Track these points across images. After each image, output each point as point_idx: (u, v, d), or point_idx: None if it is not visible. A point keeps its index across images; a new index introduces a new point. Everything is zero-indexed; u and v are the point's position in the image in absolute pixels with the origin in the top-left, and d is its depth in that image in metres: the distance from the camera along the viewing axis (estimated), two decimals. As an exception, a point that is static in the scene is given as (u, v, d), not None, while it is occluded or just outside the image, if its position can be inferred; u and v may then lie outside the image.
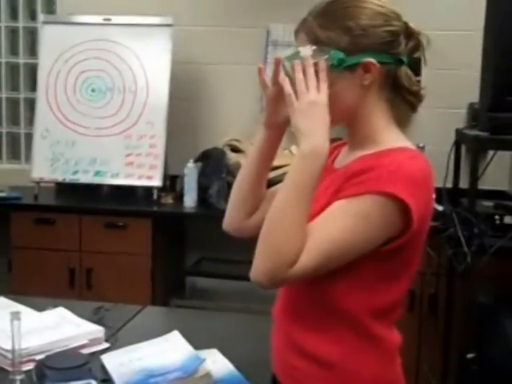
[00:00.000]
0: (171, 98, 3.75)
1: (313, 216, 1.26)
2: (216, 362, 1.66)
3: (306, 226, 1.23)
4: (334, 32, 1.30)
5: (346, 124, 1.38)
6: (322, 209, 1.27)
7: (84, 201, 3.73)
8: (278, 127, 1.45)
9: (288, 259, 1.21)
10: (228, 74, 4.00)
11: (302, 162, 1.25)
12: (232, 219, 1.57)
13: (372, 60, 1.29)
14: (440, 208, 3.03)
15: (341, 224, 1.23)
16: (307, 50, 1.30)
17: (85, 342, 1.75)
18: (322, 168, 1.24)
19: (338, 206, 1.25)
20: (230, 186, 3.45)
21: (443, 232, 2.91)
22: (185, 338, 1.76)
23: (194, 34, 3.98)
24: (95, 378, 1.50)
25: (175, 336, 1.79)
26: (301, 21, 1.36)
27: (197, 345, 1.70)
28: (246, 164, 1.53)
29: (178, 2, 4.00)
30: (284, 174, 1.32)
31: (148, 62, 3.78)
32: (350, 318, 1.31)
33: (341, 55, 1.29)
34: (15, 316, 1.48)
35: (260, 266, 1.24)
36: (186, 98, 4.01)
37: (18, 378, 1.49)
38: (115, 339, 1.82)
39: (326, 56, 1.29)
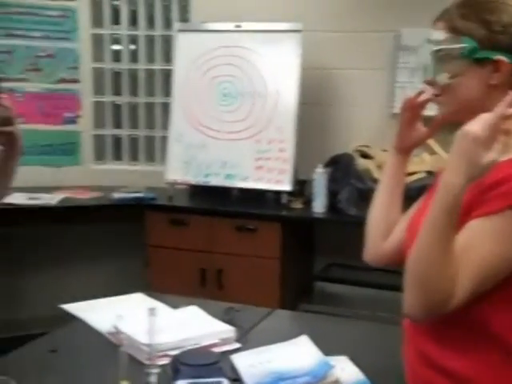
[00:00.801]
0: (301, 103, 3.77)
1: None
2: (345, 370, 1.63)
3: (453, 258, 1.18)
4: (473, 23, 1.27)
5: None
6: None
7: (215, 203, 3.81)
8: (408, 150, 1.46)
9: (442, 295, 1.17)
10: (357, 79, 3.96)
11: (437, 197, 1.19)
12: (369, 245, 1.58)
13: (505, 59, 1.24)
14: None
15: (488, 246, 1.18)
16: (441, 36, 1.28)
17: (216, 341, 1.78)
18: (455, 205, 1.17)
19: (479, 226, 1.19)
20: (359, 191, 3.49)
21: None
22: (314, 343, 1.75)
23: (323, 39, 3.98)
24: (226, 377, 1.52)
25: (304, 340, 1.78)
26: (442, 10, 1.34)
27: (326, 350, 1.69)
28: (378, 190, 1.52)
29: (307, 8, 4.02)
30: (416, 180, 1.31)
31: (278, 67, 3.82)
32: (491, 335, 1.25)
33: (474, 44, 1.25)
34: (152, 312, 1.53)
35: (414, 302, 1.21)
36: (315, 103, 4.01)
37: (154, 371, 1.54)
38: (245, 340, 1.84)
39: (459, 45, 1.26)
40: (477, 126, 1.16)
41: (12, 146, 1.75)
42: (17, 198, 3.74)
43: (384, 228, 1.52)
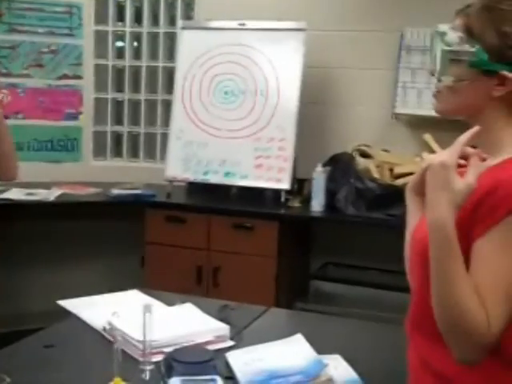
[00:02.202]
0: (302, 101, 3.77)
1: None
2: (338, 368, 1.64)
3: (471, 289, 1.14)
4: (490, 31, 1.23)
5: (468, 121, 1.30)
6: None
7: (213, 201, 3.82)
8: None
9: (479, 329, 1.13)
10: (359, 78, 3.97)
11: (430, 239, 1.17)
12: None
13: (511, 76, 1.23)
14: None
15: (500, 261, 1.15)
16: (454, 36, 1.27)
17: (210, 338, 1.79)
18: (448, 239, 1.14)
19: (484, 246, 1.16)
20: (357, 191, 3.49)
21: None
22: (308, 341, 1.76)
23: (327, 38, 3.98)
24: (219, 375, 1.52)
25: (298, 339, 1.79)
26: (466, 4, 1.30)
27: (320, 349, 1.69)
28: (407, 230, 1.44)
29: (311, 7, 4.02)
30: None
31: (280, 65, 3.82)
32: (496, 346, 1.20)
33: (484, 57, 1.23)
34: (147, 309, 1.54)
35: (458, 348, 1.17)
36: (316, 102, 4.02)
37: (148, 368, 1.55)
38: (240, 338, 1.84)
39: (471, 50, 1.24)
40: (444, 155, 1.16)
41: None
42: (14, 194, 3.76)
43: None
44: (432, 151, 3.41)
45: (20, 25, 4.24)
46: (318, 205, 3.61)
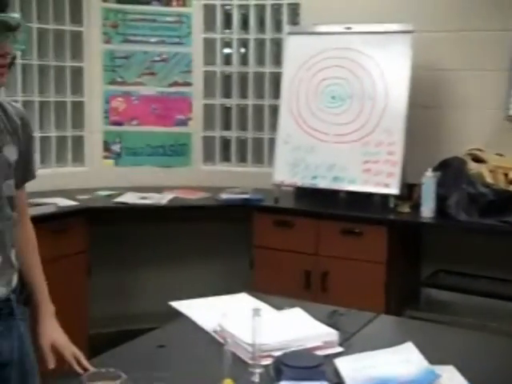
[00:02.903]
0: (410, 105, 3.70)
1: None
2: (453, 380, 1.59)
3: None
4: None
5: None
6: None
7: (321, 206, 3.81)
8: None
9: None
10: (470, 80, 3.84)
11: None
12: None
13: None
14: None
15: None
16: None
17: (319, 343, 1.78)
18: None
19: None
20: (470, 196, 3.38)
21: None
22: (419, 350, 1.71)
23: (435, 39, 3.89)
24: (328, 381, 1.51)
25: (409, 348, 1.75)
26: None
27: (431, 359, 1.65)
28: None
29: (418, 8, 3.94)
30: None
31: (387, 68, 3.77)
32: None
33: None
34: (256, 312, 1.55)
35: None
36: (425, 106, 3.93)
37: (257, 371, 1.56)
38: (349, 344, 1.83)
39: None
40: None
41: None
42: (129, 197, 3.90)
43: None
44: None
45: (133, 35, 4.41)
46: (427, 210, 3.52)
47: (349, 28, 3.90)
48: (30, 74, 4.09)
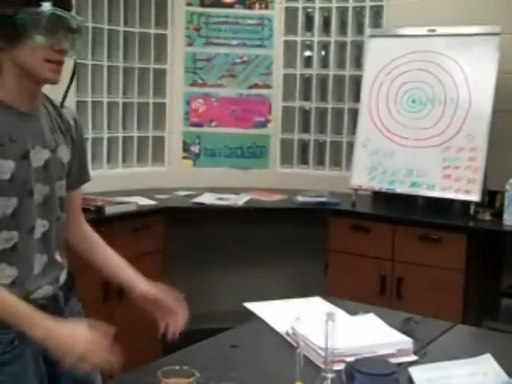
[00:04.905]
0: (495, 110, 3.59)
1: None
2: (532, 395, 1.54)
3: None
4: None
5: None
6: None
7: (399, 211, 3.76)
8: None
9: None
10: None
11: None
12: None
13: None
14: None
15: None
16: None
17: (393, 351, 1.75)
18: None
19: None
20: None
21: None
22: (497, 363, 1.66)
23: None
24: (402, 389, 1.49)
25: (487, 359, 1.70)
26: None
27: (510, 372, 1.60)
28: None
29: (505, 9, 3.82)
30: None
31: (472, 72, 3.67)
32: None
33: None
34: (330, 317, 1.54)
35: None
36: (510, 110, 3.80)
37: (330, 375, 1.55)
38: (424, 353, 1.79)
39: None
40: None
41: None
42: (207, 198, 3.95)
43: None
44: None
45: (216, 38, 4.47)
46: (510, 218, 3.42)
47: (432, 30, 3.82)
48: (116, 75, 4.20)
